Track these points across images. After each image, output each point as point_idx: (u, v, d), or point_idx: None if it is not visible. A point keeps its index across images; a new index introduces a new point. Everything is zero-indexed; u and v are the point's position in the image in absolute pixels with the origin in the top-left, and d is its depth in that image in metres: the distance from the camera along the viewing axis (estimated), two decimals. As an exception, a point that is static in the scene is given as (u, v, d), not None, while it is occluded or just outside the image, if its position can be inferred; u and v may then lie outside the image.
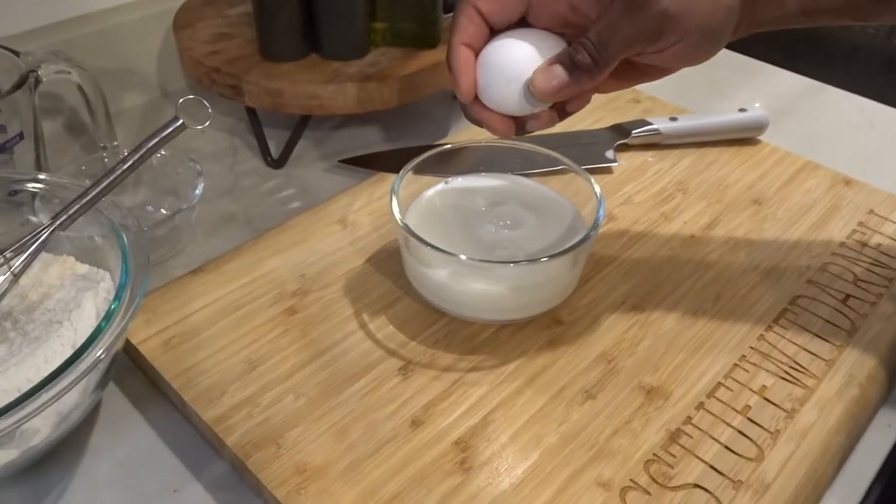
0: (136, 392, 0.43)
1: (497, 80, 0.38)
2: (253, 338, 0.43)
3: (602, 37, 0.35)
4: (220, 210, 0.57)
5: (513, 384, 0.41)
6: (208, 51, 0.59)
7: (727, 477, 0.37)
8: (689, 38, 0.36)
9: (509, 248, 0.44)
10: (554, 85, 0.36)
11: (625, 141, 0.60)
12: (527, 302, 0.43)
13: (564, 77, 0.36)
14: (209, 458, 0.40)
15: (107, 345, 0.35)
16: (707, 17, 0.35)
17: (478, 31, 0.38)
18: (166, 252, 0.52)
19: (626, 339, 0.44)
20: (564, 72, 0.36)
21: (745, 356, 0.43)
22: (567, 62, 0.36)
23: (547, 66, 0.36)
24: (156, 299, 0.45)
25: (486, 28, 0.38)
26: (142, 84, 0.69)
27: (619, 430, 0.39)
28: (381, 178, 0.56)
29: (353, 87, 0.56)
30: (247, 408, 0.39)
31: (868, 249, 0.51)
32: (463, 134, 0.62)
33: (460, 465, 0.37)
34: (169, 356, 0.42)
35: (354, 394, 0.40)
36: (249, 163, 0.62)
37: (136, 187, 0.55)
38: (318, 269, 0.48)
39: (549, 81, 0.36)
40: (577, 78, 0.36)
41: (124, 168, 0.40)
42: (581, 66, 0.36)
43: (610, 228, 0.52)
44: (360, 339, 0.43)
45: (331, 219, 0.52)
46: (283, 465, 0.37)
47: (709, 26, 0.36)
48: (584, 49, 0.35)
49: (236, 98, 0.57)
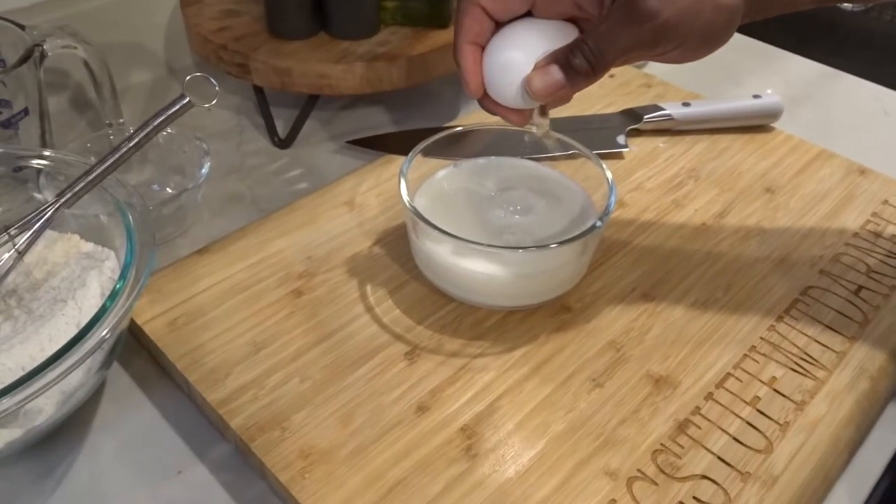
0: (141, 372, 0.43)
1: (498, 78, 0.38)
2: (258, 319, 0.43)
3: (600, 45, 0.35)
4: (227, 190, 0.56)
5: (520, 371, 0.41)
6: (216, 27, 0.58)
7: (735, 468, 0.37)
8: (688, 45, 0.35)
9: (518, 233, 0.43)
10: (550, 86, 0.36)
11: (636, 126, 0.59)
12: (535, 288, 0.43)
13: (561, 79, 0.36)
14: (213, 439, 0.39)
15: (112, 324, 0.35)
16: (708, 24, 0.35)
17: (482, 29, 0.38)
18: (172, 231, 0.52)
19: (635, 328, 0.43)
20: (561, 73, 0.36)
21: (755, 347, 0.43)
22: (564, 64, 0.36)
23: (544, 65, 0.36)
24: (161, 279, 0.45)
25: (491, 23, 0.38)
26: (148, 60, 0.68)
27: (627, 420, 0.39)
28: (390, 160, 0.56)
29: (362, 66, 0.55)
30: (252, 390, 0.39)
31: (882, 240, 0.50)
32: (472, 116, 0.61)
33: (466, 451, 0.37)
34: (174, 336, 0.41)
35: (360, 378, 0.40)
36: (256, 142, 0.61)
37: (142, 165, 0.55)
38: (325, 251, 0.47)
39: (545, 82, 0.36)
40: (573, 80, 0.36)
41: (130, 146, 0.40)
42: (578, 70, 0.36)
43: (620, 215, 0.51)
44: (367, 322, 0.43)
45: (338, 200, 0.52)
46: (288, 449, 0.36)
47: (709, 32, 0.35)
48: (582, 54, 0.35)
49: (244, 76, 0.57)
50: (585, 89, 0.37)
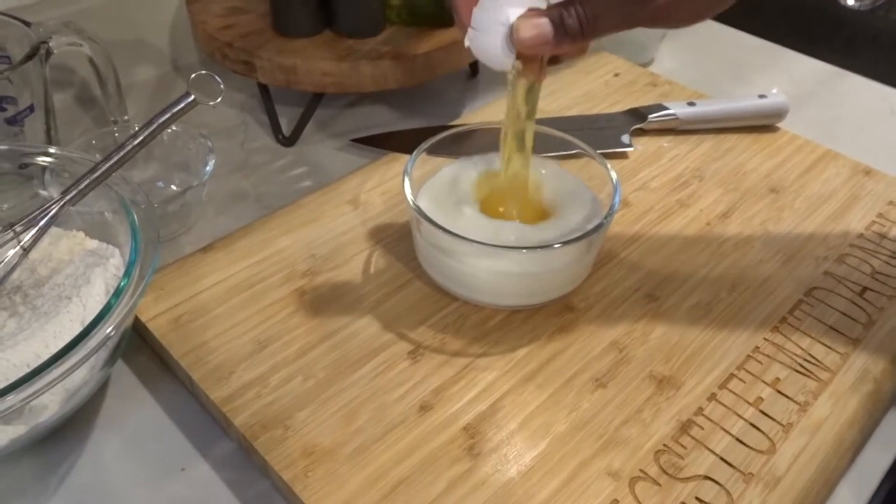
0: (145, 369, 0.43)
1: (483, 24, 0.37)
2: (262, 318, 0.43)
3: (595, 12, 0.35)
4: (231, 187, 0.56)
5: (523, 371, 0.41)
6: (221, 25, 0.58)
7: (738, 469, 0.37)
8: (686, 20, 0.35)
9: (522, 231, 0.43)
10: (535, 36, 0.35)
11: (641, 125, 0.59)
12: (539, 288, 0.43)
13: (549, 32, 0.35)
14: (217, 437, 0.40)
15: (116, 322, 0.35)
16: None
17: None
18: (177, 229, 0.52)
19: (638, 328, 0.43)
20: (551, 28, 0.35)
21: (758, 348, 0.43)
22: (556, 20, 0.35)
23: (535, 16, 0.35)
24: (165, 276, 0.45)
25: None
26: (154, 57, 0.68)
27: (630, 420, 0.39)
28: (394, 159, 0.56)
29: (368, 65, 0.55)
30: (255, 388, 0.39)
31: (887, 241, 0.50)
32: (477, 114, 0.61)
33: (468, 451, 0.37)
34: (178, 334, 0.42)
35: (363, 377, 0.40)
36: (261, 140, 0.61)
37: (147, 162, 0.55)
38: (329, 250, 0.48)
39: (532, 31, 0.35)
40: (560, 39, 0.35)
41: (135, 143, 0.40)
42: (568, 30, 0.35)
43: (624, 215, 0.51)
44: (370, 321, 0.43)
45: (342, 198, 0.52)
46: (291, 447, 0.36)
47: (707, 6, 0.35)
48: (577, 16, 0.35)
49: (249, 74, 0.57)
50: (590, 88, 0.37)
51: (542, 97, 0.64)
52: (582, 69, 0.67)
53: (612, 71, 0.67)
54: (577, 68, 0.67)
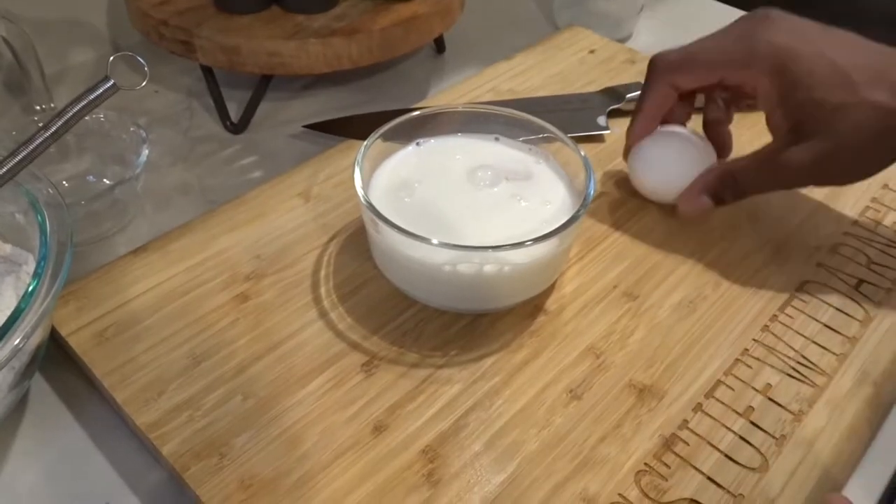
0: (69, 388, 0.38)
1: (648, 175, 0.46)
2: (198, 328, 0.38)
3: (746, 184, 0.42)
4: (173, 180, 0.52)
5: (489, 383, 0.37)
6: (157, 1, 0.53)
7: (727, 490, 0.33)
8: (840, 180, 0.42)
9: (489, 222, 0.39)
10: (697, 210, 0.43)
11: (618, 106, 0.55)
12: (506, 289, 0.38)
13: (708, 205, 0.42)
14: (147, 466, 0.35)
15: (25, 332, 0.31)
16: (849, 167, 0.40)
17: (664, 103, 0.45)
18: (110, 227, 0.47)
19: (617, 331, 0.39)
20: (710, 202, 0.42)
21: (747, 350, 0.39)
22: (713, 195, 0.42)
23: (697, 193, 0.43)
24: (90, 283, 0.40)
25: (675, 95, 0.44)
26: (91, 38, 0.63)
27: (608, 436, 0.35)
28: (351, 146, 0.51)
29: (318, 43, 0.50)
30: (188, 410, 0.35)
31: (882, 228, 0.47)
32: (443, 96, 0.57)
33: (427, 477, 0.33)
34: (102, 350, 0.37)
35: (310, 394, 0.36)
36: (207, 127, 0.57)
37: (80, 155, 0.50)
38: (276, 249, 0.43)
39: (695, 207, 0.43)
40: (717, 205, 0.43)
41: (46, 136, 0.35)
42: (723, 200, 0.42)
43: (600, 204, 0.47)
44: (320, 329, 0.39)
45: (292, 191, 0.47)
46: (227, 479, 0.32)
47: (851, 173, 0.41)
48: (732, 191, 0.42)
49: (188, 55, 0.52)
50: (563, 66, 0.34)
51: (511, 77, 0.59)
52: (554, 45, 0.62)
53: (586, 48, 0.62)
54: (549, 45, 0.62)
